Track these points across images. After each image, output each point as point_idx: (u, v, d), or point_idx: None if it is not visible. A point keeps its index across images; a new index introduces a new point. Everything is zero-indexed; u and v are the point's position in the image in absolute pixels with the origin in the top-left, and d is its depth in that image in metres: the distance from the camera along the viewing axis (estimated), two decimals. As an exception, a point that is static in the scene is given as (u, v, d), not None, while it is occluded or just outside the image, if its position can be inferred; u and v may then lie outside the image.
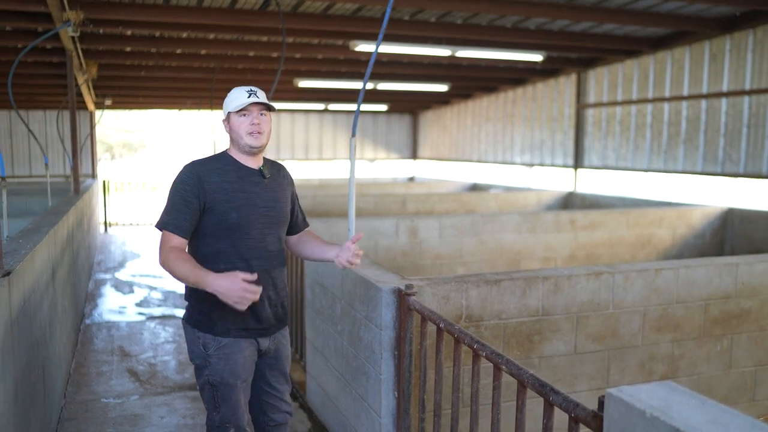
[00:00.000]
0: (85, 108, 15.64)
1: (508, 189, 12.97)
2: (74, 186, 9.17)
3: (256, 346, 3.02)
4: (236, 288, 2.63)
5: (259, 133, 2.89)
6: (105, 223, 16.51)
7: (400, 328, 3.41)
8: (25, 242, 4.15)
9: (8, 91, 7.26)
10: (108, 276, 10.34)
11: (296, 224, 3.24)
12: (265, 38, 9.64)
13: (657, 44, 9.71)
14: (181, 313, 7.96)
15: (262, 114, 2.93)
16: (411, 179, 19.77)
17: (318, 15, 8.17)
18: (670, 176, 9.96)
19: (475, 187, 14.58)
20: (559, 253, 7.75)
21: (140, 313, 7.95)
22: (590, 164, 11.74)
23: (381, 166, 21.13)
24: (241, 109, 2.89)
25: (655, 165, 10.12)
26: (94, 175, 16.58)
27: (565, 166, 12.46)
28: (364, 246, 7.08)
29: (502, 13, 8.07)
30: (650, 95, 10.11)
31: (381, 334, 3.45)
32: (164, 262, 2.77)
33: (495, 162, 15.40)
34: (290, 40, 9.90)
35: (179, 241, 2.81)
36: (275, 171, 3.09)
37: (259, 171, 2.98)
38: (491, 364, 2.57)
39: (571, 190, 11.65)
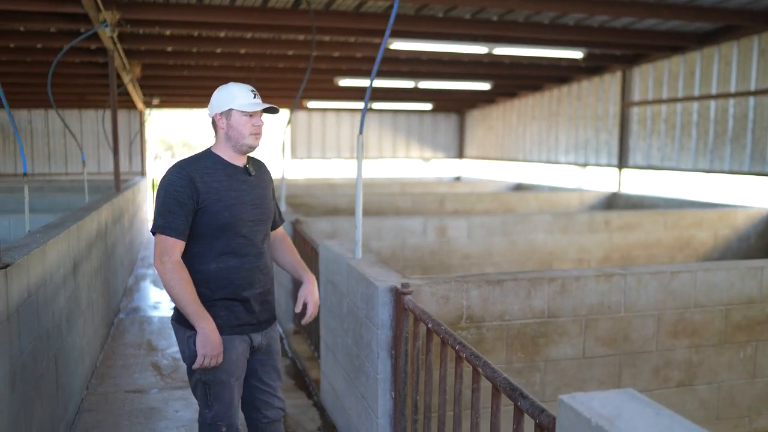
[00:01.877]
0: (135, 107, 16.01)
1: (553, 189, 12.73)
2: (115, 183, 9.37)
3: (248, 342, 3.00)
4: (215, 352, 2.80)
5: (260, 134, 2.91)
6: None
7: (396, 327, 3.35)
8: (43, 236, 4.24)
9: (47, 91, 7.46)
10: (150, 272, 10.55)
11: (275, 221, 3.22)
12: (301, 37, 9.68)
13: (703, 40, 9.36)
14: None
15: (260, 116, 2.96)
16: (457, 179, 19.59)
17: (350, 13, 8.14)
18: (716, 176, 9.60)
19: (519, 187, 14.37)
20: (593, 255, 7.55)
21: (174, 308, 8.07)
22: (635, 164, 11.42)
23: (430, 166, 21.00)
24: (247, 111, 2.88)
25: (700, 165, 9.77)
26: (143, 173, 16.96)
27: (610, 165, 12.15)
28: (391, 245, 7.04)
29: (537, 9, 7.91)
30: (696, 93, 9.77)
31: (378, 333, 3.40)
32: (166, 274, 2.75)
33: (539, 161, 15.14)
34: (327, 38, 9.92)
35: (176, 243, 2.78)
36: (258, 168, 3.09)
37: (245, 169, 2.98)
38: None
39: (614, 190, 11.35)
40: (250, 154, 3.08)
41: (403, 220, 7.10)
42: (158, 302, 8.42)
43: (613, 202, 11.08)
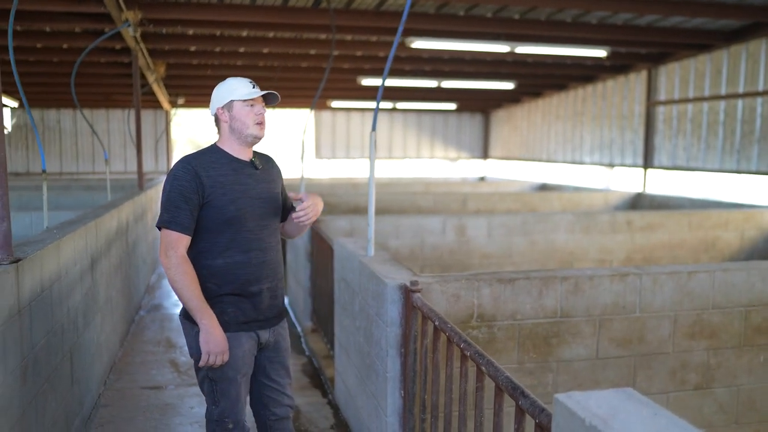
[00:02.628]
0: (161, 107, 16.17)
1: (577, 189, 12.59)
2: (138, 182, 9.46)
3: (256, 339, 2.99)
4: (218, 349, 2.77)
5: (263, 123, 2.91)
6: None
7: (405, 325, 3.33)
8: (59, 233, 4.29)
9: (71, 91, 7.56)
10: (172, 269, 10.63)
11: (286, 212, 3.18)
12: (323, 36, 9.69)
13: (730, 37, 9.19)
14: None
15: (263, 106, 2.95)
16: (482, 179, 19.49)
17: (371, 11, 8.14)
18: (744, 177, 9.41)
19: (544, 187, 14.24)
20: (615, 256, 7.45)
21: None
22: (660, 164, 11.25)
23: (457, 166, 20.91)
24: (248, 99, 2.88)
25: (727, 165, 9.59)
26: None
27: (635, 166, 11.99)
28: (410, 244, 7.01)
29: (560, 7, 7.84)
30: (723, 91, 9.59)
31: (387, 331, 3.38)
32: (171, 268, 2.75)
33: (564, 162, 15.00)
34: (348, 37, 9.93)
35: (180, 238, 2.77)
36: (265, 162, 3.07)
37: (251, 163, 2.97)
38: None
39: (639, 190, 11.19)
40: (257, 149, 3.07)
41: (421, 219, 7.07)
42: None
43: (637, 202, 10.93)
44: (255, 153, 3.04)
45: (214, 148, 2.96)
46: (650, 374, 3.75)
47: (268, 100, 3.00)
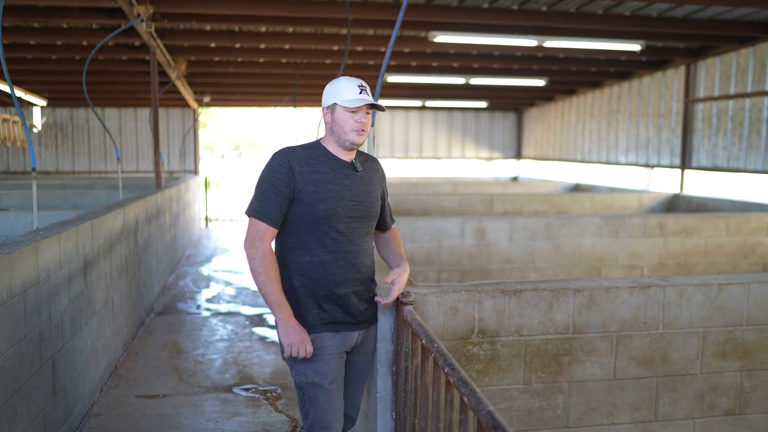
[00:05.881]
0: (188, 105, 16.07)
1: (611, 190, 12.08)
2: (156, 181, 9.30)
3: (343, 342, 2.87)
4: (298, 339, 2.74)
5: (363, 131, 2.80)
6: (206, 218, 16.94)
7: (397, 341, 3.01)
8: (44, 234, 4.07)
9: (83, 89, 7.40)
10: (192, 270, 10.48)
11: (383, 221, 3.07)
12: (344, 31, 9.40)
13: (775, 29, 8.65)
14: (247, 310, 7.87)
15: (367, 112, 2.83)
16: (514, 179, 18.99)
17: (389, 4, 7.82)
18: (788, 178, 8.86)
19: (577, 188, 13.73)
20: (646, 261, 7.00)
21: (207, 309, 7.92)
22: (698, 164, 10.71)
23: (491, 167, 20.48)
24: (349, 107, 2.77)
25: (770, 165, 9.04)
26: (196, 171, 17.04)
27: (672, 166, 11.45)
28: (427, 247, 6.68)
29: (590, -2, 7.43)
30: (767, 87, 9.04)
31: (378, 347, 3.07)
32: (255, 259, 2.72)
33: (598, 162, 14.47)
34: (370, 32, 9.63)
35: (268, 230, 2.74)
36: (368, 164, 2.97)
37: (351, 164, 2.87)
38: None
39: (676, 192, 10.64)
40: (364, 150, 2.97)
41: (438, 221, 6.72)
42: (194, 301, 8.28)
43: (674, 204, 10.39)
44: (359, 153, 2.91)
45: (316, 144, 2.90)
46: (675, 397, 3.36)
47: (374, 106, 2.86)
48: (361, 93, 2.78)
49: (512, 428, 3.12)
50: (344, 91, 2.78)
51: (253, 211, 2.76)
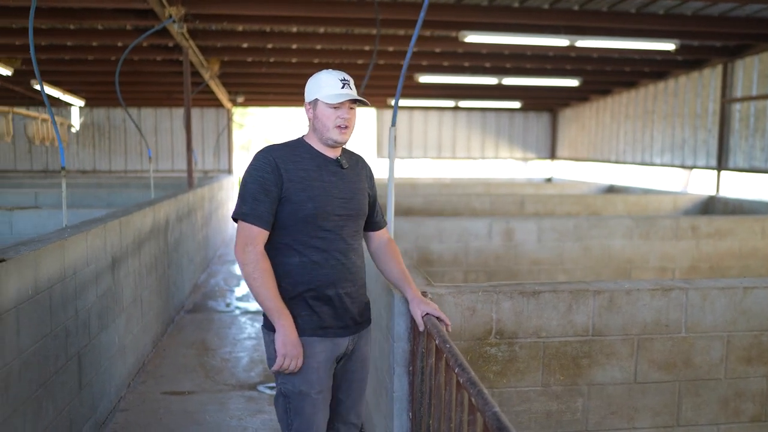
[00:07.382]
0: (222, 105, 16.25)
1: (646, 192, 11.88)
2: (188, 180, 9.42)
3: (332, 349, 2.74)
4: (294, 351, 2.59)
5: (346, 127, 2.69)
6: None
7: (414, 341, 3.00)
8: (71, 231, 4.15)
9: (116, 89, 7.53)
10: (223, 269, 10.59)
11: (373, 221, 2.97)
12: (374, 31, 9.41)
13: (815, 27, 8.43)
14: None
15: (350, 108, 2.71)
16: (548, 180, 18.81)
17: (419, 4, 7.80)
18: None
19: (611, 189, 13.54)
20: (678, 264, 6.87)
21: (237, 308, 8.00)
22: (735, 166, 10.48)
23: (527, 167, 20.30)
24: (330, 103, 2.67)
25: (810, 167, 8.80)
26: (230, 171, 17.23)
27: (708, 167, 11.23)
28: (454, 248, 6.65)
29: (622, -4, 7.33)
30: (806, 87, 8.82)
31: (394, 347, 3.07)
32: (248, 265, 2.58)
33: (633, 163, 14.26)
34: (401, 32, 9.63)
35: (260, 233, 2.61)
36: (353, 162, 2.86)
37: (337, 161, 2.77)
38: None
39: (712, 193, 10.43)
40: (348, 147, 2.88)
41: (465, 222, 6.69)
42: (224, 300, 8.37)
43: (710, 206, 10.18)
44: (344, 150, 2.84)
45: (299, 142, 2.80)
46: (698, 402, 3.30)
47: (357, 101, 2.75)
48: (343, 87, 2.65)
49: (529, 431, 3.11)
50: (325, 86, 2.66)
51: (243, 215, 2.61)
